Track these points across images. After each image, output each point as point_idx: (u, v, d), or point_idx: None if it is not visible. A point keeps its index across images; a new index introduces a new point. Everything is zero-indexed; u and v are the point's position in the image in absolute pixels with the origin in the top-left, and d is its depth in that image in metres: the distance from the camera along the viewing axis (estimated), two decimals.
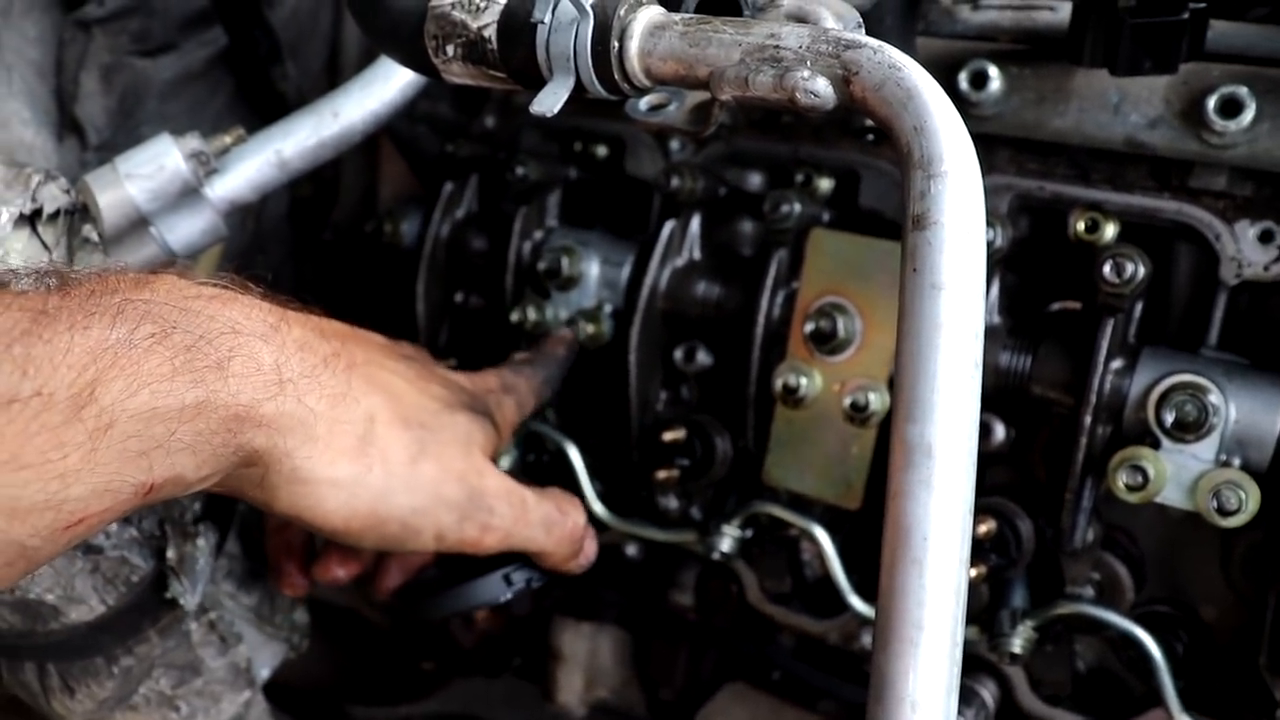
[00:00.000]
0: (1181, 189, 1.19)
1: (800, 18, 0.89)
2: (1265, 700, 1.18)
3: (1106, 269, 1.11)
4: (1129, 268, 1.11)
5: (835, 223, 1.33)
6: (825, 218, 1.31)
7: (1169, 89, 1.16)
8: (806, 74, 0.80)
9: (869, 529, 1.30)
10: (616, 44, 0.86)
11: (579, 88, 0.89)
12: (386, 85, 1.15)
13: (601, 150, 1.48)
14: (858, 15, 0.92)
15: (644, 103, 1.02)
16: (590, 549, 1.20)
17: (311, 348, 0.92)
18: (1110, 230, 1.22)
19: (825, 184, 1.35)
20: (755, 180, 1.41)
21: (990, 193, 1.23)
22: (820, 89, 0.80)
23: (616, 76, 0.88)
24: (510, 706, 1.77)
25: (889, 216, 1.30)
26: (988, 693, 1.28)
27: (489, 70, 0.93)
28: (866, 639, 1.38)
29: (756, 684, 1.47)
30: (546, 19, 0.87)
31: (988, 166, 1.27)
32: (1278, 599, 1.10)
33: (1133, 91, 1.18)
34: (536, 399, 1.26)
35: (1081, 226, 1.22)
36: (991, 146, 1.26)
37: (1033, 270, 1.30)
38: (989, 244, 1.15)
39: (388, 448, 0.97)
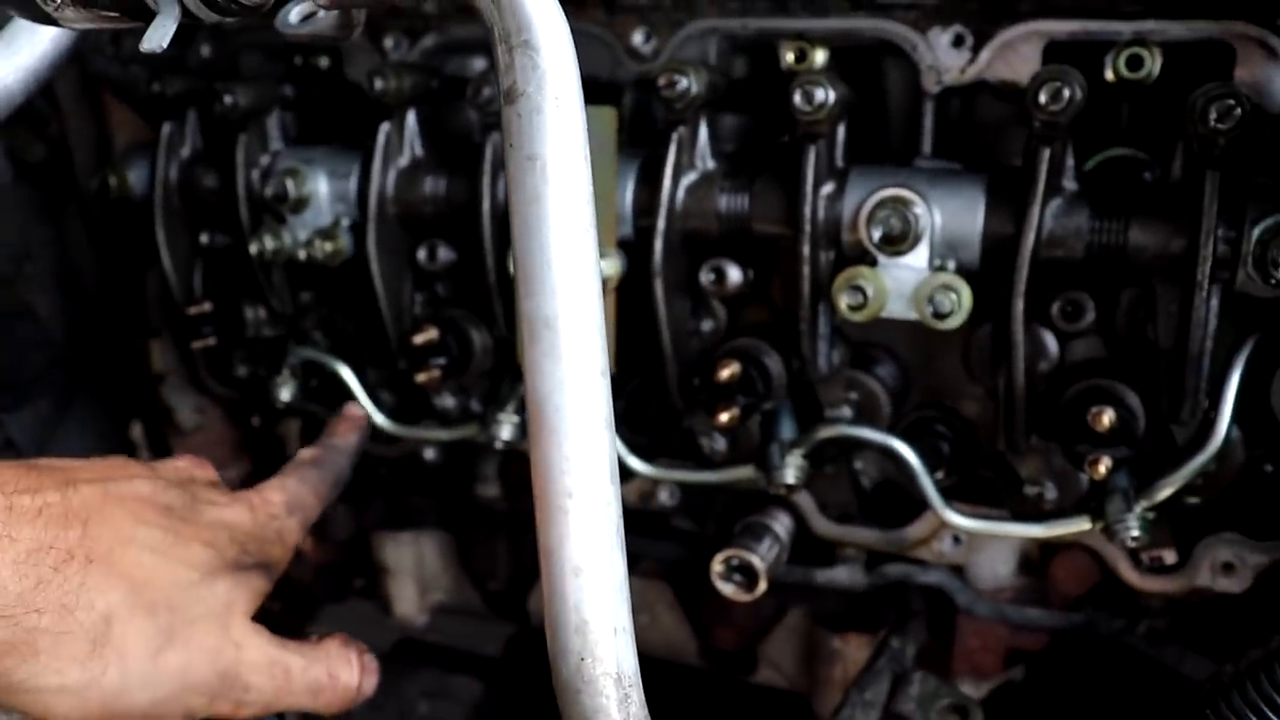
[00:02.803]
0: (874, 5, 1.20)
1: None
2: (1015, 478, 1.23)
3: (797, 98, 1.12)
4: (818, 94, 1.11)
5: None
6: None
7: None
8: None
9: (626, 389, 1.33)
10: None
11: (190, 15, 0.86)
12: (34, 37, 1.11)
13: (324, 61, 1.45)
14: None
15: (294, 14, 0.99)
16: (368, 686, 1.08)
17: (42, 552, 0.87)
18: (820, 57, 1.23)
19: None
20: (479, 66, 1.39)
21: (697, 37, 1.25)
22: None
23: None
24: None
25: (604, 80, 1.30)
26: (780, 525, 1.31)
27: (101, 11, 0.89)
28: (663, 496, 1.41)
29: None
30: None
31: (690, 12, 1.26)
32: (1005, 386, 1.14)
33: None
34: (324, 503, 1.17)
35: (791, 57, 1.23)
36: None
37: (756, 108, 1.30)
38: (685, 92, 1.16)
39: (126, 645, 0.92)
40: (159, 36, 0.85)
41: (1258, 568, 1.19)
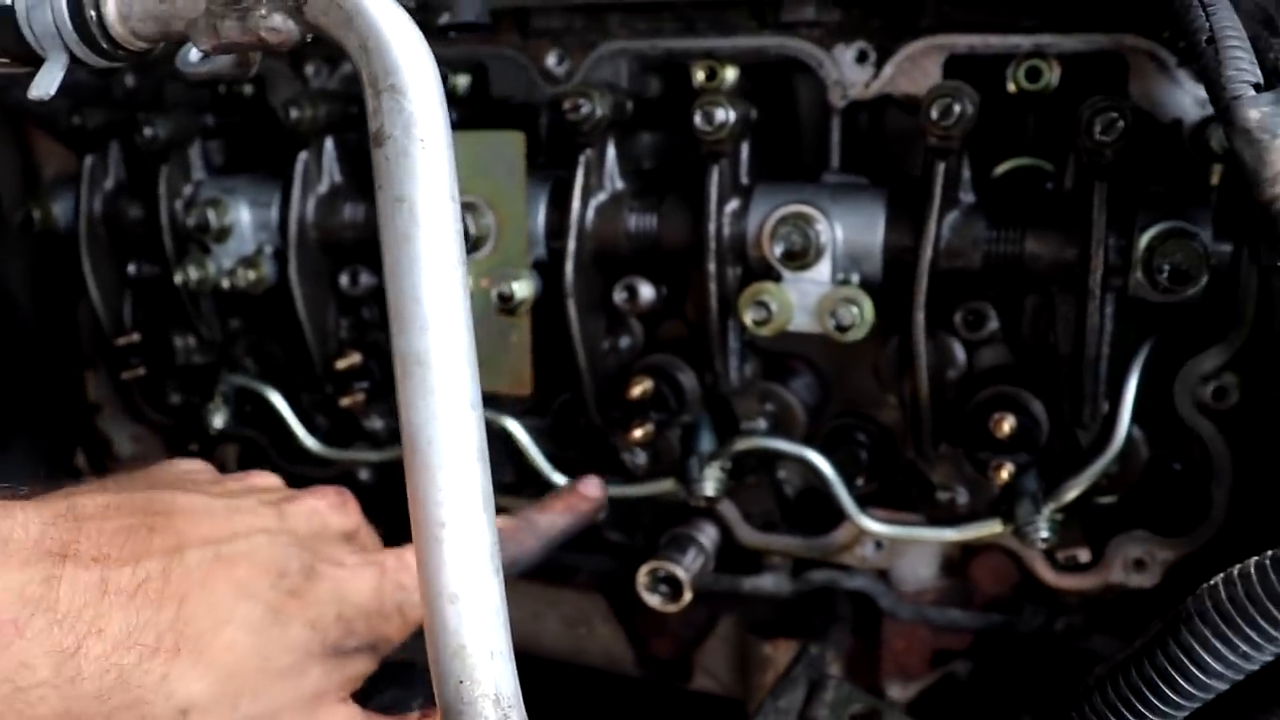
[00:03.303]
0: (780, 24, 1.22)
1: None
2: (928, 484, 1.25)
3: (698, 119, 1.14)
4: (719, 114, 1.14)
5: (466, 120, 1.34)
6: (451, 118, 1.32)
7: None
8: (264, 12, 0.80)
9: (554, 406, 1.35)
10: (93, 13, 0.85)
11: (78, 61, 0.88)
12: None
13: (248, 89, 1.47)
14: None
15: (192, 55, 1.01)
16: None
17: (128, 646, 0.79)
18: (730, 75, 1.25)
19: (462, 81, 1.36)
20: None
21: (609, 58, 1.27)
22: (280, 24, 0.80)
23: (105, 44, 0.87)
24: None
25: (518, 101, 1.32)
26: (704, 536, 1.33)
27: None
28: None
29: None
30: (14, 2, 0.85)
31: (602, 34, 1.28)
32: (911, 396, 1.16)
33: None
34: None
35: (702, 76, 1.25)
36: (599, 15, 1.28)
37: (672, 126, 1.33)
38: (589, 115, 1.18)
39: None
40: (46, 83, 0.86)
41: (1166, 563, 1.22)
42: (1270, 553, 0.70)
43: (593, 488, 1.21)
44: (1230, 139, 0.74)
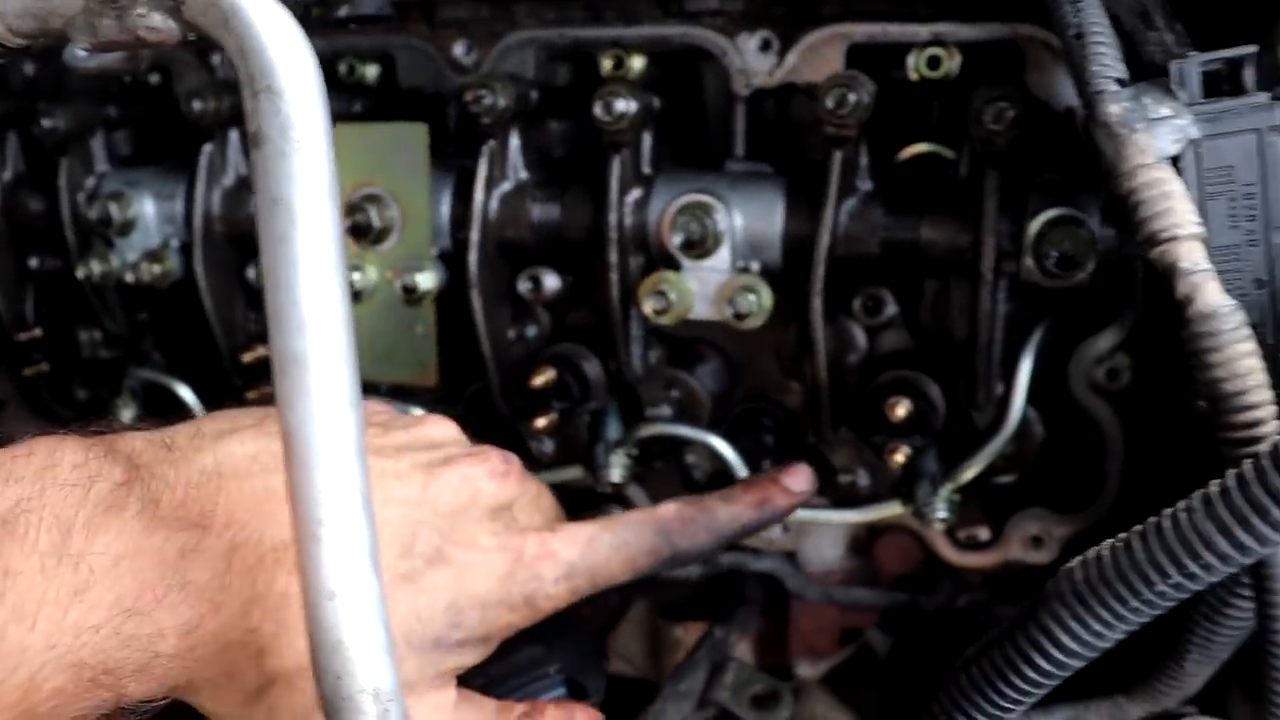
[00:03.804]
0: (684, 13, 1.23)
1: None
2: (830, 467, 1.27)
3: (597, 109, 1.15)
4: (618, 104, 1.14)
5: (375, 111, 1.34)
6: (357, 108, 1.32)
7: None
8: (142, 11, 0.80)
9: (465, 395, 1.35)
10: None
11: None
12: None
13: (154, 78, 1.45)
14: None
15: (79, 49, 1.01)
16: None
17: (233, 581, 0.80)
18: (638, 63, 1.25)
19: (370, 71, 1.36)
20: None
21: (516, 48, 1.27)
22: (159, 23, 0.80)
23: None
24: None
25: (429, 91, 1.32)
26: None
27: None
28: None
29: None
30: None
31: (509, 23, 1.29)
32: (810, 381, 1.18)
33: None
34: (636, 575, 0.96)
35: (609, 65, 1.25)
36: (506, 5, 1.28)
37: (583, 115, 1.33)
38: (491, 107, 1.18)
39: (277, 710, 0.83)
40: None
41: (1063, 539, 1.24)
42: (1123, 535, 0.73)
43: (800, 480, 1.05)
44: (1093, 133, 0.76)
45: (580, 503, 1.38)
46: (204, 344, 1.38)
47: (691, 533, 0.98)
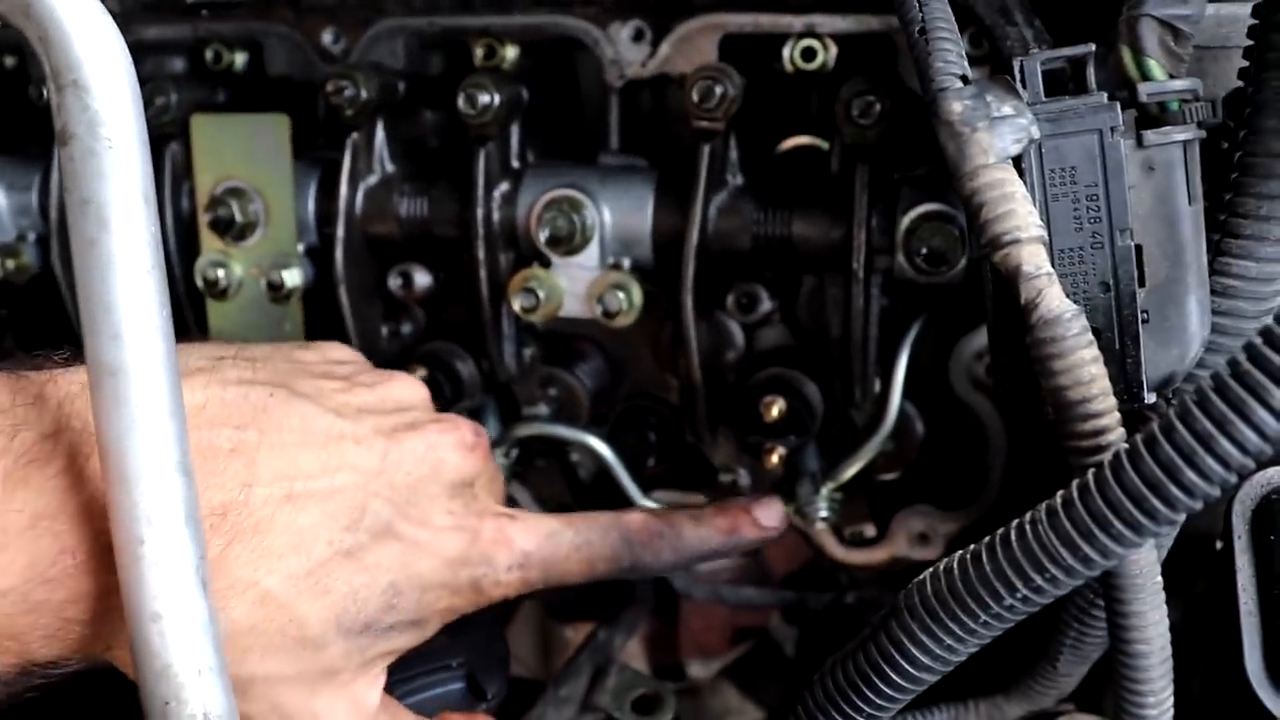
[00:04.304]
0: (555, 2, 1.20)
1: None
2: (709, 466, 1.26)
3: (461, 102, 1.12)
4: (482, 98, 1.11)
5: (244, 100, 1.29)
6: (222, 98, 1.28)
7: None
8: None
9: None
10: None
11: None
12: None
13: (9, 61, 1.39)
14: None
15: None
16: None
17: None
18: (511, 53, 1.22)
19: (239, 59, 1.31)
20: (176, 65, 1.35)
21: (385, 36, 1.23)
22: None
23: None
24: None
25: (299, 80, 1.28)
26: None
27: None
28: None
29: None
30: None
31: (377, 10, 1.24)
32: (685, 382, 1.16)
33: None
34: (590, 579, 0.94)
35: (481, 54, 1.22)
36: None
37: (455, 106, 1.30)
38: (353, 99, 1.14)
39: None
40: None
41: (948, 535, 1.24)
42: (971, 546, 0.71)
43: (771, 516, 1.04)
44: (936, 131, 0.74)
45: None
46: (66, 340, 1.33)
47: (656, 547, 0.96)
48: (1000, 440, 1.18)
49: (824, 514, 1.18)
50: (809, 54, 1.13)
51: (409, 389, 0.93)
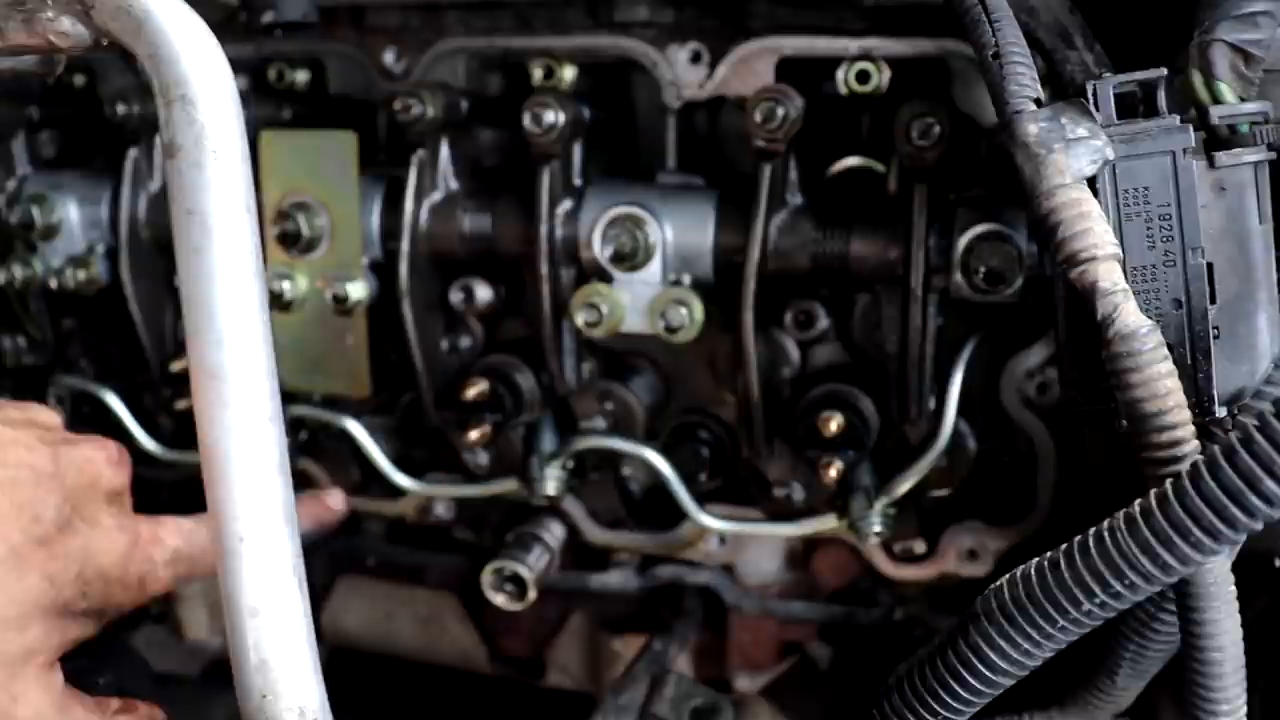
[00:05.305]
0: (614, 24, 1.22)
1: None
2: (765, 480, 1.27)
3: (526, 120, 1.14)
4: (547, 116, 1.14)
5: (306, 117, 1.32)
6: (286, 115, 1.30)
7: None
8: (51, 15, 0.78)
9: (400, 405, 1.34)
10: None
11: None
12: None
13: (79, 79, 1.43)
14: None
15: None
16: None
17: None
18: (569, 74, 1.24)
19: (300, 77, 1.34)
20: (241, 84, 1.38)
21: (446, 56, 1.25)
22: (68, 28, 0.78)
23: None
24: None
25: (359, 98, 1.31)
26: (549, 534, 1.34)
27: None
28: (440, 509, 1.42)
29: (362, 573, 1.51)
30: None
31: (438, 31, 1.27)
32: (742, 395, 1.18)
33: None
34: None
35: (540, 74, 1.24)
36: (436, 13, 1.27)
37: (514, 124, 1.32)
38: (420, 117, 1.17)
39: None
40: None
41: (998, 552, 1.25)
42: (1048, 554, 0.73)
43: (337, 500, 1.22)
44: (1011, 153, 0.76)
45: (518, 516, 1.37)
46: (132, 352, 1.36)
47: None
48: (1050, 457, 1.20)
49: (878, 529, 1.19)
50: (863, 77, 1.15)
51: (50, 415, 1.00)
